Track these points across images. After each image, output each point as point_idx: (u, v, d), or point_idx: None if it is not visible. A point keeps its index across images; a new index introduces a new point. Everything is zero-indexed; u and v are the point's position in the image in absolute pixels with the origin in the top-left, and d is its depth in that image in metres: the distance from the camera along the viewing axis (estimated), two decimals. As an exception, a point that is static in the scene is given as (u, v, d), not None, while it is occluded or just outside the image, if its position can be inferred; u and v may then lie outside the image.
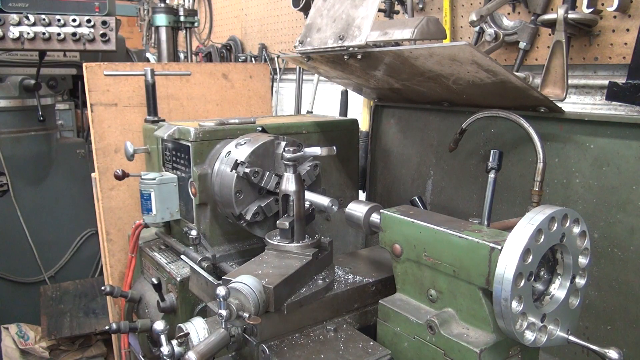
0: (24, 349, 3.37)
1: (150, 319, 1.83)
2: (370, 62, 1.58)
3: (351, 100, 2.46)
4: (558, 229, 1.02)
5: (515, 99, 1.47)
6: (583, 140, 1.45)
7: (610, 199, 1.40)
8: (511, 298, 0.97)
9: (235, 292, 1.11)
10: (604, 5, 1.45)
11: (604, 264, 1.43)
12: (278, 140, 1.65)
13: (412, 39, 1.61)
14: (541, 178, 1.38)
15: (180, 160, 1.84)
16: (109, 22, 2.89)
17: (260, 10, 3.40)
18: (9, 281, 3.71)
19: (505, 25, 1.75)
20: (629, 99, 1.36)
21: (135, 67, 2.56)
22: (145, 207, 1.87)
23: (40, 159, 3.68)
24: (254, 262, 1.34)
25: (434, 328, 1.12)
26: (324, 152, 1.36)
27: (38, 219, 3.73)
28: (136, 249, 2.11)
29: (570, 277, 1.09)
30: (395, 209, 1.31)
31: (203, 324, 1.20)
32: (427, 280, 1.21)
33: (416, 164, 2.00)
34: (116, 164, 2.46)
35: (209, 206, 1.75)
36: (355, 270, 1.52)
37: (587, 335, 1.48)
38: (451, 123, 1.82)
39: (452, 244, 1.11)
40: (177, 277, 1.75)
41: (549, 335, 1.07)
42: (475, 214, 1.62)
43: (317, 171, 1.69)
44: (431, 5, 2.02)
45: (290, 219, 1.39)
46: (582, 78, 1.59)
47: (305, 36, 1.64)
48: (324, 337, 1.28)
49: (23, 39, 2.74)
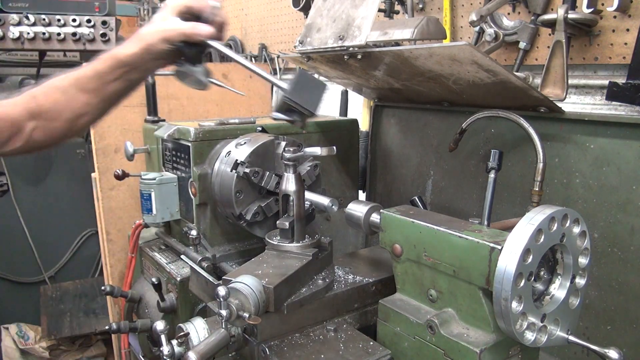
0: (24, 349, 3.37)
1: (150, 319, 1.83)
2: (370, 62, 1.58)
3: (351, 100, 2.45)
4: (558, 229, 1.02)
5: (515, 99, 1.47)
6: (583, 140, 1.45)
7: (610, 199, 1.40)
8: (511, 298, 0.97)
9: (235, 292, 1.11)
10: (604, 5, 1.45)
11: (604, 264, 1.43)
12: (278, 140, 1.65)
13: (412, 39, 1.61)
14: (541, 178, 1.38)
15: (180, 160, 1.84)
16: (109, 22, 2.89)
17: (260, 10, 3.39)
18: (9, 281, 3.71)
19: (505, 25, 1.75)
20: (629, 99, 1.36)
21: (135, 67, 2.56)
22: (145, 207, 1.87)
23: (40, 159, 3.68)
24: (254, 262, 1.34)
25: (434, 328, 1.12)
26: (324, 152, 1.36)
27: (38, 219, 3.73)
28: (136, 249, 2.11)
29: (570, 277, 1.09)
30: (395, 209, 1.31)
31: (203, 324, 1.20)
32: (427, 280, 1.21)
33: (416, 164, 2.00)
34: (116, 164, 2.46)
35: (209, 206, 1.75)
36: (355, 270, 1.52)
37: (587, 335, 1.48)
38: (451, 123, 1.82)
39: (452, 244, 1.11)
40: (177, 277, 1.75)
41: (549, 335, 1.07)
42: (475, 214, 1.62)
43: (317, 171, 1.69)
44: (431, 5, 2.02)
45: (290, 219, 1.39)
46: (582, 78, 1.59)
47: (305, 36, 1.64)
48: (324, 337, 1.28)
49: (23, 39, 2.74)
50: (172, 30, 1.23)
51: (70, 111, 1.27)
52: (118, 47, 1.27)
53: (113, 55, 1.25)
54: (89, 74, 1.26)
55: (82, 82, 1.26)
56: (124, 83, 1.28)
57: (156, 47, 1.24)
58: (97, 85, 1.26)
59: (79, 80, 1.26)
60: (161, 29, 1.23)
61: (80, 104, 1.27)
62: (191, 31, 1.23)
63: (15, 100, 1.23)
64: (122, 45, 1.27)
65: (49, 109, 1.24)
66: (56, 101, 1.25)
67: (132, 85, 1.32)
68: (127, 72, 1.27)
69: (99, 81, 1.26)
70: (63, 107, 1.26)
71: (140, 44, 1.24)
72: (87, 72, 1.26)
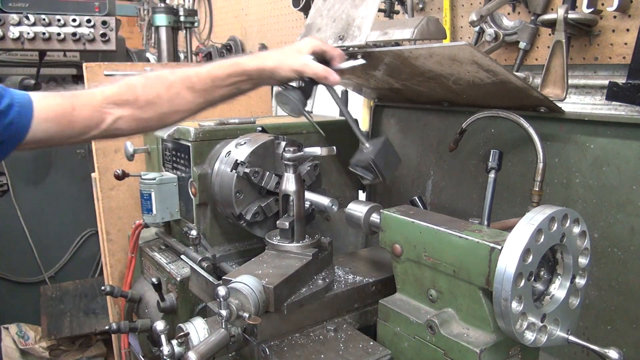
0: (24, 349, 3.37)
1: (150, 319, 1.83)
2: (370, 62, 1.58)
3: (351, 100, 2.45)
4: (558, 229, 1.02)
5: (515, 99, 1.47)
6: (583, 140, 1.45)
7: (610, 199, 1.40)
8: (511, 298, 0.97)
9: (235, 292, 1.11)
10: (604, 5, 1.45)
11: (604, 264, 1.43)
12: (278, 140, 1.65)
13: (412, 39, 1.61)
14: (541, 178, 1.38)
15: (180, 160, 1.84)
16: (109, 22, 2.89)
17: (260, 10, 3.39)
18: (9, 281, 3.71)
19: (505, 25, 1.75)
20: (629, 99, 1.36)
21: (136, 67, 2.57)
22: (145, 207, 1.87)
23: (40, 159, 3.68)
24: (254, 262, 1.35)
25: (434, 328, 1.12)
26: (324, 152, 1.36)
27: (38, 219, 3.73)
28: (136, 249, 2.11)
29: (570, 277, 1.09)
30: (395, 209, 1.31)
31: (203, 324, 1.20)
32: (427, 280, 1.21)
33: (416, 164, 1.99)
34: (116, 164, 2.46)
35: (209, 206, 1.75)
36: (355, 270, 1.52)
37: (587, 335, 1.48)
38: (451, 123, 1.82)
39: (452, 244, 1.11)
40: (177, 277, 1.75)
41: (549, 335, 1.07)
42: (475, 214, 1.61)
43: (317, 171, 1.69)
44: (431, 5, 2.02)
45: (290, 219, 1.39)
46: (582, 78, 1.59)
47: (305, 36, 1.64)
48: (324, 337, 1.28)
49: (23, 39, 2.74)
50: (307, 67, 1.33)
51: (168, 106, 1.30)
52: (242, 58, 1.36)
53: (237, 63, 1.33)
54: (202, 75, 1.31)
55: (193, 81, 1.31)
56: (233, 90, 1.36)
57: (282, 72, 1.34)
58: (208, 86, 1.32)
59: (189, 78, 1.31)
60: (295, 61, 1.33)
61: (183, 100, 1.31)
62: (323, 74, 1.34)
63: (104, 89, 1.26)
64: (247, 57, 1.36)
65: (146, 101, 1.28)
66: (158, 95, 1.29)
67: (239, 93, 1.40)
68: (243, 82, 1.35)
69: (212, 84, 1.32)
70: (163, 101, 1.29)
71: (269, 62, 1.34)
72: (199, 72, 1.32)
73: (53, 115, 1.18)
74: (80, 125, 1.23)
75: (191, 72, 1.32)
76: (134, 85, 1.28)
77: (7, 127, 1.12)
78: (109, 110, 1.25)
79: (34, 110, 1.15)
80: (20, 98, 1.14)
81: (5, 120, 1.11)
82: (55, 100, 1.20)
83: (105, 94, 1.25)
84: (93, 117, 1.23)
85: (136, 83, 1.28)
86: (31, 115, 1.15)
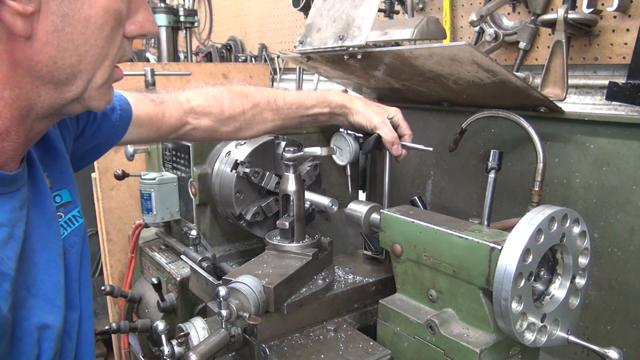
0: (24, 349, 3.36)
1: (150, 319, 1.83)
2: (370, 62, 1.58)
3: (351, 100, 2.45)
4: (558, 229, 1.02)
5: (515, 99, 1.47)
6: (583, 140, 1.45)
7: (610, 199, 1.40)
8: (511, 298, 0.97)
9: (235, 292, 1.11)
10: (604, 5, 1.45)
11: (604, 264, 1.43)
12: (278, 140, 1.65)
13: (412, 39, 1.61)
14: (541, 178, 1.38)
15: (180, 160, 1.84)
16: (109, 22, 2.88)
17: (260, 10, 3.39)
18: (9, 281, 3.70)
19: (505, 25, 1.75)
20: (629, 99, 1.36)
21: (135, 67, 2.56)
22: (146, 207, 1.87)
23: (40, 159, 3.67)
24: (254, 262, 1.34)
25: (434, 328, 1.12)
26: (324, 152, 1.36)
27: (38, 219, 3.72)
28: (136, 249, 2.11)
29: (570, 277, 1.09)
30: (395, 209, 1.31)
31: (203, 324, 1.20)
32: (427, 280, 1.21)
33: (416, 164, 2.00)
34: (116, 164, 2.46)
35: (209, 206, 1.75)
36: (355, 270, 1.52)
37: (587, 335, 1.48)
38: (451, 123, 1.82)
39: (452, 244, 1.11)
40: (177, 277, 1.75)
41: (549, 335, 1.07)
42: (475, 214, 1.62)
43: (317, 171, 1.69)
44: (431, 5, 2.02)
45: (290, 219, 1.39)
46: (582, 78, 1.59)
47: (305, 36, 1.64)
48: (324, 337, 1.28)
49: (23, 39, 2.73)
50: (384, 126, 1.43)
51: (247, 123, 1.37)
52: (331, 93, 1.48)
53: (325, 96, 1.45)
54: (289, 100, 1.39)
55: (278, 104, 1.38)
56: (310, 120, 1.47)
57: (360, 118, 1.45)
58: (291, 112, 1.41)
59: (275, 101, 1.38)
60: (377, 116, 1.44)
61: (262, 120, 1.39)
62: (392, 140, 1.43)
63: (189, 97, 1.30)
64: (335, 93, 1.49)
65: (229, 115, 1.33)
66: (243, 111, 1.35)
67: (310, 123, 1.51)
68: (323, 114, 1.46)
69: (296, 111, 1.41)
70: (245, 118, 1.35)
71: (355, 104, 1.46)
72: (287, 97, 1.40)
73: (147, 121, 1.20)
74: (165, 131, 1.26)
75: (278, 95, 1.38)
76: (220, 99, 1.32)
77: (109, 129, 1.13)
78: (191, 120, 1.29)
79: (132, 115, 1.17)
80: (122, 101, 1.15)
81: (109, 122, 1.12)
82: (149, 107, 1.22)
83: (191, 103, 1.29)
84: (177, 124, 1.27)
85: (223, 97, 1.32)
86: (129, 120, 1.16)
